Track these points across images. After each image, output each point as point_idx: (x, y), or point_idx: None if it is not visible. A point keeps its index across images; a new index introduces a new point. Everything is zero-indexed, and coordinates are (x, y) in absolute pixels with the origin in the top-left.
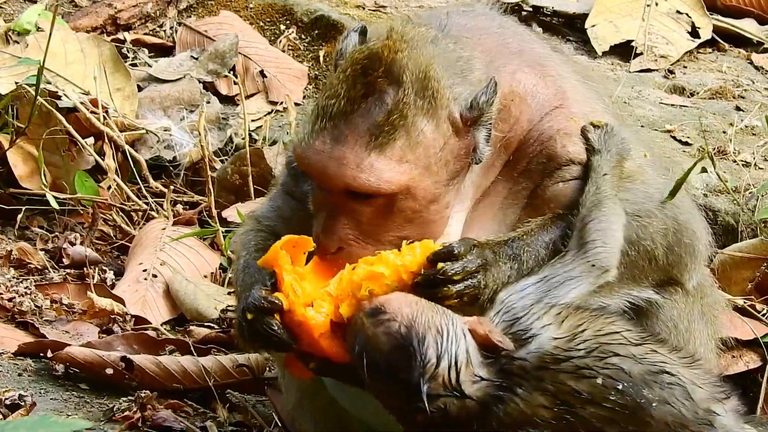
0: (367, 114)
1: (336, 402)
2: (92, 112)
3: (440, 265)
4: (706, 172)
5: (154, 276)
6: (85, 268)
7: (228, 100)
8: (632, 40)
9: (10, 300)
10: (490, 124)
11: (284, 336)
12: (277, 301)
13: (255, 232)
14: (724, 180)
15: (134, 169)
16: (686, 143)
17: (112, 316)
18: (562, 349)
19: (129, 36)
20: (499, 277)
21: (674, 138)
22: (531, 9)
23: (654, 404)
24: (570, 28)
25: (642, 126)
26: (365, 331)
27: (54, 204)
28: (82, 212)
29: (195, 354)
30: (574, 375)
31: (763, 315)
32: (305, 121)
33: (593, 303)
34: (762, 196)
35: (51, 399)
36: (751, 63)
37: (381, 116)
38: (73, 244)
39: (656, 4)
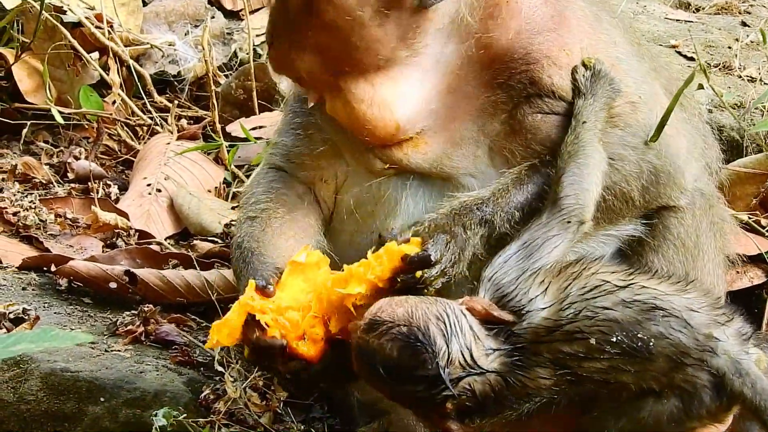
0: None
1: None
2: (97, 27)
3: (419, 273)
4: (703, 88)
5: (158, 190)
6: (89, 183)
7: (233, 15)
8: None
9: (14, 214)
10: None
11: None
12: (276, 343)
13: (258, 183)
14: (719, 94)
15: (139, 84)
16: (691, 58)
17: (116, 231)
18: (552, 319)
19: None
20: (472, 250)
21: (679, 53)
22: None
23: (651, 342)
24: None
25: (647, 41)
26: (369, 346)
27: (59, 119)
28: (86, 127)
29: (198, 268)
30: (567, 341)
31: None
32: None
33: (576, 250)
34: (766, 109)
35: (55, 313)
36: None
37: None
38: (77, 158)
39: None
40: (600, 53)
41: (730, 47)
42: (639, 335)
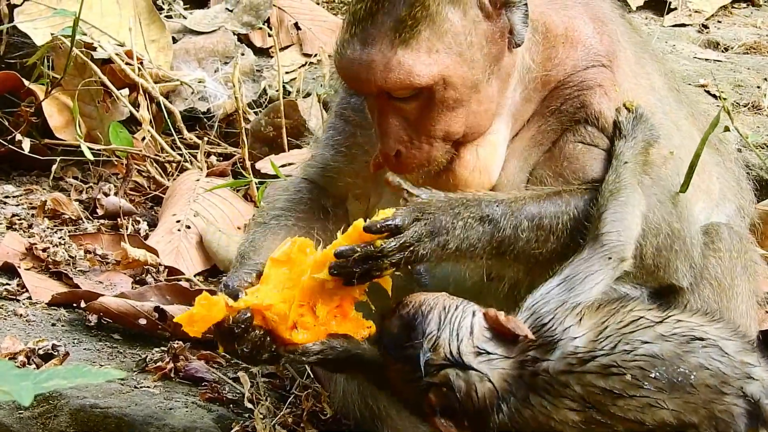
0: (391, 10)
1: None
2: (127, 64)
3: (378, 242)
4: (729, 131)
5: (188, 227)
6: (119, 219)
7: (262, 52)
8: None
9: (44, 250)
10: (525, 4)
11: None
12: (243, 316)
13: (285, 189)
14: (744, 136)
15: (168, 121)
16: (720, 98)
17: (146, 267)
18: (585, 349)
19: None
20: (456, 242)
21: (708, 92)
22: None
23: (693, 374)
24: None
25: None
26: (385, 323)
27: (88, 155)
28: (116, 163)
29: None
30: (601, 374)
31: None
32: (340, 30)
33: (612, 292)
34: None
35: (84, 349)
36: None
37: (403, 11)
38: (107, 194)
39: None
40: (639, 99)
41: (759, 87)
42: (680, 369)
